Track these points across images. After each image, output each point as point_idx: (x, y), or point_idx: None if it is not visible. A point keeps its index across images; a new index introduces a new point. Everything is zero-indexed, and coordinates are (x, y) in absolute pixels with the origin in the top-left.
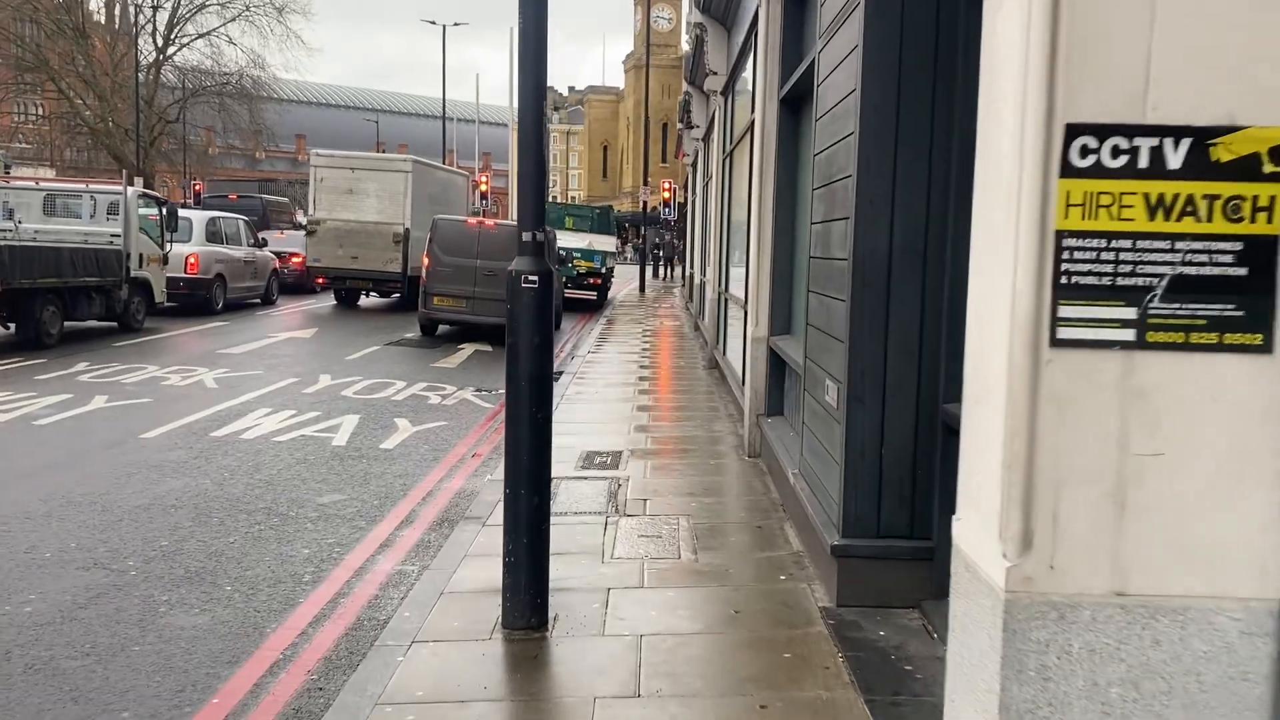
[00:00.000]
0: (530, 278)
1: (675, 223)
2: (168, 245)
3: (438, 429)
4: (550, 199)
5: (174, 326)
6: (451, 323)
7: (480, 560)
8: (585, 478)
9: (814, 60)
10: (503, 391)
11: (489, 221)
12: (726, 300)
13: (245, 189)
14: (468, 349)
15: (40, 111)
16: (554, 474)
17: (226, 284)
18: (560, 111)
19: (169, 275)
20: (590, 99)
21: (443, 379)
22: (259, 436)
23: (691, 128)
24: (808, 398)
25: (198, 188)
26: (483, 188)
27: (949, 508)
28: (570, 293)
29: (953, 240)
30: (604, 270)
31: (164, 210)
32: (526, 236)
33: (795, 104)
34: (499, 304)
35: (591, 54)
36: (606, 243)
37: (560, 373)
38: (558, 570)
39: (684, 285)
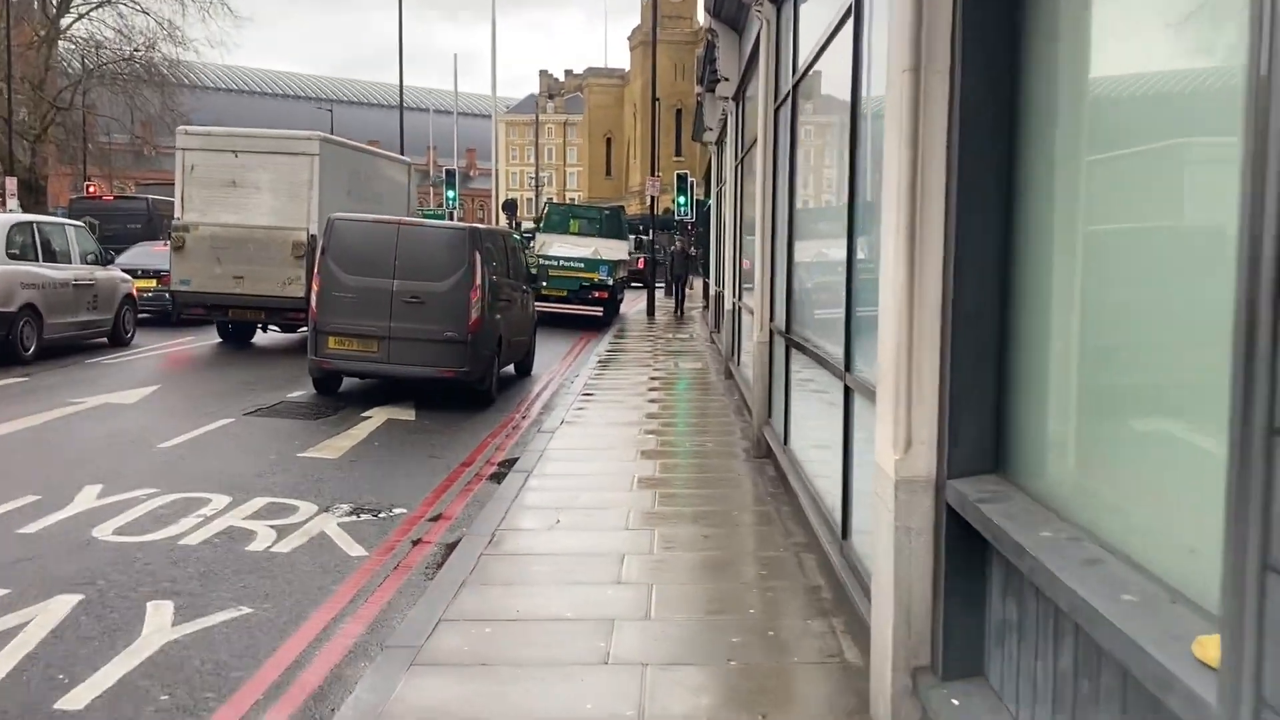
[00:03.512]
0: None
1: (693, 225)
2: None
3: (218, 633)
4: (548, 199)
5: None
6: (358, 374)
7: None
8: None
9: None
10: (402, 510)
11: (409, 220)
12: (790, 346)
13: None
14: (376, 418)
15: None
16: None
17: (42, 319)
18: (556, 99)
19: None
20: (591, 83)
21: (304, 485)
22: None
23: (717, 83)
24: None
25: (92, 189)
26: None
27: None
28: (569, 308)
29: None
30: (612, 282)
31: None
32: None
33: None
34: (427, 346)
35: (593, 35)
36: (617, 249)
37: (513, 461)
38: None
39: (705, 307)
